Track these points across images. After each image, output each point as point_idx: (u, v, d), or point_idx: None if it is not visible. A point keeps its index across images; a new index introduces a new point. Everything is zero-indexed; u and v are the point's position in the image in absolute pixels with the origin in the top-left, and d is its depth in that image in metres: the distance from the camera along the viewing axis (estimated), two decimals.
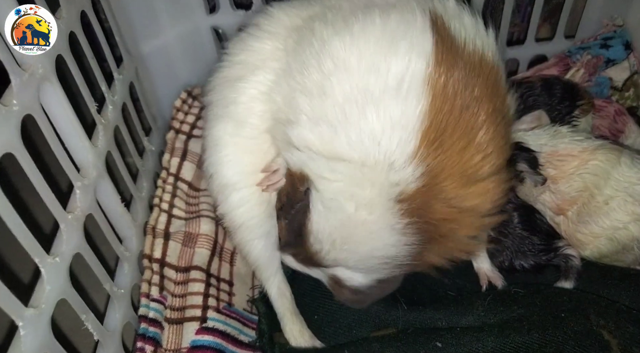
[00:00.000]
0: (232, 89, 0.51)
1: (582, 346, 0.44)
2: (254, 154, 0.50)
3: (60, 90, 0.44)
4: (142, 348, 0.50)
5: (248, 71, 0.50)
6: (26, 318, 0.35)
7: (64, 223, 0.42)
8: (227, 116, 0.51)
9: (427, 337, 0.48)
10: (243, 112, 0.50)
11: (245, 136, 0.50)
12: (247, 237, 0.53)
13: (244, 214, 0.52)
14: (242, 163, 0.51)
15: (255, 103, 0.49)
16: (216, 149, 0.52)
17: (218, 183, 0.53)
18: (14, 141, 0.36)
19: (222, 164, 0.52)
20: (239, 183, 0.51)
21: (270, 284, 0.55)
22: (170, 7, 0.70)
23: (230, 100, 0.51)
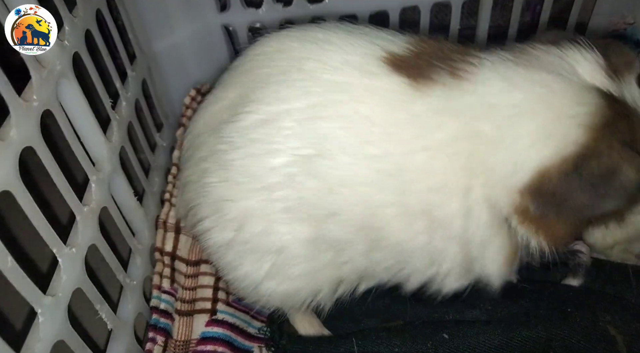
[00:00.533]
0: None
1: (588, 341, 0.45)
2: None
3: (77, 86, 0.45)
4: (153, 338, 0.52)
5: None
6: (44, 306, 0.36)
7: (80, 215, 0.43)
8: None
9: (434, 328, 0.48)
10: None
11: None
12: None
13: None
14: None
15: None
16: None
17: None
18: (34, 135, 0.38)
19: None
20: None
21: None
22: (182, 5, 0.71)
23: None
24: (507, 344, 0.46)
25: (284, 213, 0.43)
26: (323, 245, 0.44)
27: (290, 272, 0.45)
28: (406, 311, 0.51)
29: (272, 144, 0.42)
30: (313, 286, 0.47)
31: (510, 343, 0.46)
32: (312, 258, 0.44)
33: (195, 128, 0.50)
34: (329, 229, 0.42)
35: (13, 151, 0.35)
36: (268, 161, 0.42)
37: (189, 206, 0.50)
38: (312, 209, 0.42)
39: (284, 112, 0.42)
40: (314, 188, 0.41)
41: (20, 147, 0.36)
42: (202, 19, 0.74)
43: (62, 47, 0.43)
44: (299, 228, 0.43)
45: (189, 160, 0.50)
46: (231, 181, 0.44)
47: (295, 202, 0.42)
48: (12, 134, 0.35)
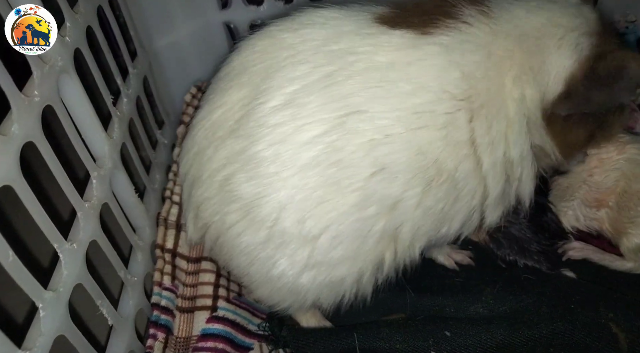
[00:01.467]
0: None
1: (590, 338, 0.45)
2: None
3: (78, 82, 0.45)
4: (154, 334, 0.52)
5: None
6: (45, 301, 0.36)
7: (81, 211, 0.43)
8: None
9: (435, 325, 0.48)
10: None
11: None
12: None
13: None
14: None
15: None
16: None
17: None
18: (35, 130, 0.38)
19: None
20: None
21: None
22: (183, 3, 0.72)
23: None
24: (508, 343, 0.47)
25: (324, 188, 0.41)
26: (372, 210, 0.42)
27: (330, 257, 0.43)
28: (407, 304, 0.51)
29: (298, 121, 0.41)
30: (356, 269, 0.45)
31: (512, 342, 0.47)
32: (357, 233, 0.43)
33: (195, 145, 0.48)
34: (378, 188, 0.41)
35: (14, 147, 0.35)
36: (299, 137, 0.41)
37: (208, 224, 0.48)
38: (356, 173, 0.41)
39: (301, 89, 0.42)
40: (355, 148, 0.41)
41: (21, 142, 0.36)
42: (203, 17, 0.74)
43: (63, 44, 0.43)
44: (342, 200, 0.41)
45: (198, 179, 0.47)
46: (261, 176, 0.42)
47: (336, 171, 0.41)
48: (13, 130, 0.35)
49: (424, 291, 0.53)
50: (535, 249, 0.55)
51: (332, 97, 0.41)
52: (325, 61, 0.42)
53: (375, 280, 0.47)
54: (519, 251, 0.55)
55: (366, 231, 0.43)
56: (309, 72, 0.42)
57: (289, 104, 0.42)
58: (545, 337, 0.46)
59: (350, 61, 0.42)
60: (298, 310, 0.52)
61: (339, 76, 0.42)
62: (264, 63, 0.45)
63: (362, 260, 0.45)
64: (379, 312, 0.53)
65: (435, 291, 0.53)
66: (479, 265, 0.56)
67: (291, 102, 0.42)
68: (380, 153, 0.41)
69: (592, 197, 0.56)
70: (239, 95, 0.45)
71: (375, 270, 0.46)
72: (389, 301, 0.52)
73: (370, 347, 0.48)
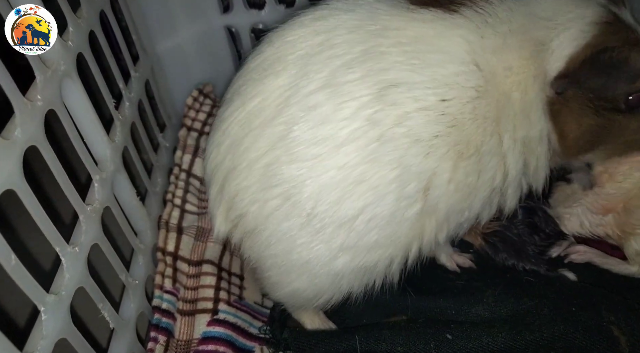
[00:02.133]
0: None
1: (591, 341, 0.45)
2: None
3: (81, 86, 0.46)
4: (155, 337, 0.52)
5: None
6: (47, 304, 0.37)
7: (83, 215, 0.44)
8: None
9: (437, 328, 0.48)
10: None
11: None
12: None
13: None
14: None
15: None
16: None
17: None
18: (38, 135, 0.38)
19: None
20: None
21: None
22: (185, 7, 0.72)
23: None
24: (510, 346, 0.47)
25: (363, 165, 0.42)
26: (410, 188, 0.42)
27: (366, 240, 0.44)
28: (408, 306, 0.51)
29: (337, 99, 0.42)
30: (387, 254, 0.45)
31: (514, 345, 0.47)
32: (392, 216, 0.43)
33: (228, 138, 0.48)
34: (415, 162, 0.42)
35: (17, 151, 0.35)
36: (339, 115, 0.42)
37: (244, 214, 0.47)
38: (396, 147, 0.42)
39: (337, 69, 0.42)
40: (393, 121, 0.41)
41: (24, 146, 0.36)
42: (205, 21, 0.74)
43: (66, 48, 0.44)
44: (381, 177, 0.42)
45: (234, 170, 0.47)
46: (303, 159, 0.42)
47: (376, 146, 0.41)
48: (16, 134, 0.35)
49: (425, 294, 0.53)
50: (532, 251, 0.55)
51: (369, 73, 0.42)
52: (360, 40, 0.43)
53: (403, 268, 0.48)
54: (516, 254, 0.55)
55: (401, 214, 0.43)
56: (345, 53, 0.43)
57: (327, 85, 0.42)
58: (547, 339, 0.46)
59: (384, 37, 0.43)
60: (329, 304, 0.51)
61: (374, 52, 0.43)
62: (300, 51, 0.45)
63: (394, 246, 0.45)
64: (380, 314, 0.53)
65: (437, 293, 0.53)
66: (481, 268, 0.56)
67: (329, 83, 0.42)
68: (417, 123, 0.42)
69: (599, 204, 0.56)
70: (276, 83, 0.45)
71: (404, 257, 0.47)
72: (391, 303, 0.52)
73: (372, 349, 0.48)
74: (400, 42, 0.43)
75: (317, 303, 0.49)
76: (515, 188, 0.47)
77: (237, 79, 0.50)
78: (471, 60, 0.43)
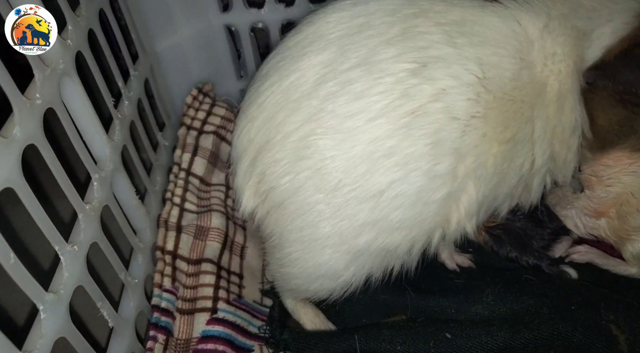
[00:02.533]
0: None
1: (590, 339, 0.45)
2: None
3: (80, 85, 0.46)
4: (154, 336, 0.52)
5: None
6: (46, 302, 0.37)
7: (82, 213, 0.44)
8: None
9: (436, 327, 0.48)
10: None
11: None
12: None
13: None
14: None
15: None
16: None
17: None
18: (37, 133, 0.38)
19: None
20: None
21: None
22: (184, 5, 0.72)
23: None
24: (509, 345, 0.47)
25: (395, 138, 0.41)
26: (442, 166, 0.42)
27: (390, 218, 0.43)
28: (407, 305, 0.51)
29: (374, 75, 0.42)
30: (411, 237, 0.45)
31: (513, 344, 0.47)
32: (419, 195, 0.42)
33: (263, 111, 0.47)
34: (450, 138, 0.41)
35: (16, 149, 0.35)
36: (374, 90, 0.41)
37: (275, 187, 0.46)
38: (430, 121, 0.41)
39: (375, 47, 0.43)
40: (430, 96, 0.41)
41: (23, 145, 0.36)
42: (205, 19, 0.74)
43: (65, 46, 0.44)
44: (413, 151, 0.41)
45: (268, 143, 0.46)
46: (337, 131, 0.42)
47: (410, 120, 0.41)
48: (15, 132, 0.35)
49: (424, 293, 0.53)
50: (536, 245, 0.55)
51: (406, 50, 0.42)
52: (398, 21, 0.44)
53: (423, 254, 0.47)
54: (520, 247, 0.55)
55: (428, 196, 0.43)
56: (383, 32, 0.43)
57: (364, 63, 0.43)
58: (546, 338, 0.46)
59: (423, 18, 0.44)
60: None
61: (413, 32, 0.43)
62: (340, 31, 0.45)
63: (418, 229, 0.44)
64: (380, 313, 0.53)
65: (436, 292, 0.53)
66: (480, 267, 0.56)
67: (366, 60, 0.43)
68: (454, 100, 0.42)
69: (591, 208, 0.56)
70: (316, 60, 0.45)
71: (426, 242, 0.46)
72: (390, 303, 0.53)
73: (371, 348, 0.48)
74: (440, 23, 0.43)
75: (337, 283, 0.48)
76: (541, 179, 0.47)
77: (274, 55, 0.50)
78: (512, 45, 0.44)
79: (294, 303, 0.56)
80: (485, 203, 0.46)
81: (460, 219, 0.45)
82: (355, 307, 0.53)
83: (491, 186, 0.44)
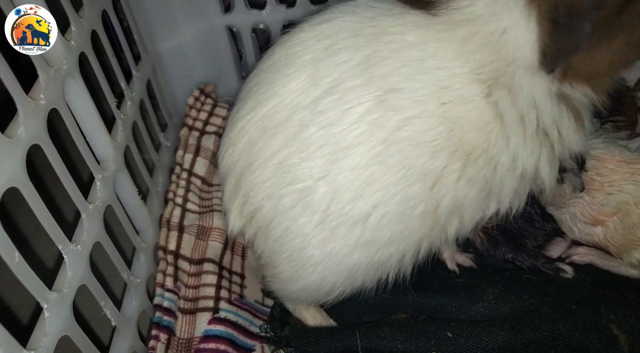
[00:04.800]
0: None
1: (591, 339, 0.45)
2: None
3: (83, 86, 0.46)
4: (156, 335, 0.52)
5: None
6: (50, 301, 0.37)
7: (85, 213, 0.44)
8: None
9: (438, 326, 0.49)
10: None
11: None
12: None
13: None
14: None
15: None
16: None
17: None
18: (41, 133, 0.38)
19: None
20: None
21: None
22: (186, 6, 0.72)
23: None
24: (510, 345, 0.47)
25: (372, 167, 0.43)
26: (415, 189, 0.44)
27: (380, 237, 0.45)
28: (408, 304, 0.51)
29: (344, 105, 0.44)
30: (400, 249, 0.46)
31: (514, 344, 0.47)
32: (401, 215, 0.44)
33: (245, 135, 0.49)
34: (419, 164, 0.43)
35: (20, 149, 0.35)
36: (346, 120, 0.43)
37: (259, 208, 0.48)
38: (399, 150, 0.43)
39: (343, 74, 0.44)
40: (395, 125, 0.43)
41: (27, 145, 0.36)
42: (206, 20, 0.74)
43: (68, 47, 0.44)
44: (388, 178, 0.43)
45: (250, 166, 0.49)
46: (314, 158, 0.44)
47: (381, 149, 0.43)
48: (19, 132, 0.35)
49: (425, 291, 0.53)
50: (532, 244, 0.56)
51: (371, 80, 0.44)
52: (362, 43, 0.45)
53: (415, 260, 0.49)
54: (515, 248, 0.55)
55: (409, 213, 0.45)
56: (347, 59, 0.45)
57: (334, 91, 0.44)
58: (546, 338, 0.46)
59: (385, 41, 0.45)
60: (338, 298, 0.51)
61: (376, 57, 0.44)
62: (308, 55, 0.47)
63: (406, 242, 0.46)
64: (381, 311, 0.53)
65: (437, 291, 0.53)
66: (481, 266, 0.56)
67: (335, 88, 0.44)
68: (420, 128, 0.43)
69: (589, 214, 0.56)
70: (290, 87, 0.47)
71: (416, 251, 0.48)
72: (391, 301, 0.53)
73: (372, 346, 0.48)
74: (401, 48, 0.44)
75: (330, 296, 0.50)
76: (549, 171, 0.47)
77: (251, 78, 0.52)
78: (460, 63, 0.43)
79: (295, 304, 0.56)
80: (469, 210, 0.47)
81: (442, 228, 0.47)
82: (356, 306, 0.53)
83: (473, 194, 0.46)
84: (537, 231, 0.56)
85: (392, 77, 0.44)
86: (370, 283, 0.49)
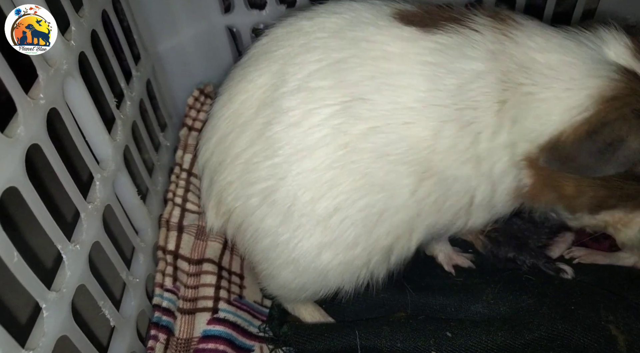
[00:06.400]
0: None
1: (589, 339, 0.45)
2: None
3: (83, 85, 0.46)
4: (155, 335, 0.52)
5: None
6: (49, 301, 0.37)
7: (84, 213, 0.44)
8: None
9: (437, 325, 0.49)
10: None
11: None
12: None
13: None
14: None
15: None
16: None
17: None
18: (40, 133, 0.38)
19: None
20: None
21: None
22: (186, 6, 0.72)
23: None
24: (509, 345, 0.47)
25: (334, 170, 0.43)
26: (377, 198, 0.44)
27: (344, 237, 0.45)
28: (407, 303, 0.51)
29: (310, 105, 0.43)
30: (366, 253, 0.46)
31: (513, 344, 0.47)
32: (365, 221, 0.44)
33: (216, 133, 0.49)
34: (380, 175, 0.43)
35: (20, 149, 0.35)
36: (310, 120, 0.43)
37: (231, 209, 0.49)
38: (361, 157, 0.43)
39: (313, 74, 0.44)
40: (359, 133, 0.43)
41: (27, 144, 0.36)
42: (206, 21, 0.75)
43: (68, 47, 0.44)
44: (350, 184, 0.43)
45: (220, 165, 0.49)
46: (278, 156, 0.44)
47: (343, 154, 0.43)
48: (19, 132, 0.35)
49: (424, 291, 0.53)
50: (533, 244, 0.56)
51: (342, 83, 0.43)
52: (338, 46, 0.44)
53: (386, 265, 0.49)
54: (517, 247, 0.55)
55: (371, 220, 0.45)
56: (321, 58, 0.44)
57: (302, 89, 0.44)
58: (545, 338, 0.46)
59: (362, 47, 0.44)
60: (319, 296, 0.52)
61: (351, 62, 0.44)
62: (282, 49, 0.47)
63: (372, 246, 0.46)
64: (380, 311, 0.53)
65: (436, 290, 0.53)
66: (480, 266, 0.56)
67: (303, 86, 0.44)
68: (381, 141, 0.43)
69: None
70: (259, 81, 0.47)
71: (384, 256, 0.48)
72: (390, 300, 0.53)
73: (371, 344, 0.48)
74: (378, 57, 0.43)
75: (305, 295, 0.50)
76: (505, 193, 0.46)
77: (231, 71, 0.52)
78: (434, 90, 0.42)
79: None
80: (424, 223, 0.47)
81: (408, 238, 0.47)
82: (355, 305, 0.53)
83: (425, 213, 0.46)
84: (540, 231, 0.56)
85: (362, 86, 0.43)
86: (349, 285, 0.49)
